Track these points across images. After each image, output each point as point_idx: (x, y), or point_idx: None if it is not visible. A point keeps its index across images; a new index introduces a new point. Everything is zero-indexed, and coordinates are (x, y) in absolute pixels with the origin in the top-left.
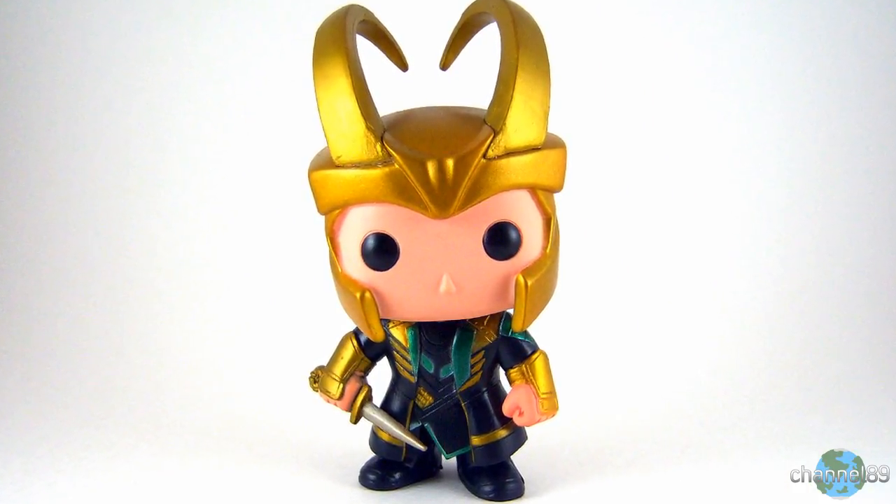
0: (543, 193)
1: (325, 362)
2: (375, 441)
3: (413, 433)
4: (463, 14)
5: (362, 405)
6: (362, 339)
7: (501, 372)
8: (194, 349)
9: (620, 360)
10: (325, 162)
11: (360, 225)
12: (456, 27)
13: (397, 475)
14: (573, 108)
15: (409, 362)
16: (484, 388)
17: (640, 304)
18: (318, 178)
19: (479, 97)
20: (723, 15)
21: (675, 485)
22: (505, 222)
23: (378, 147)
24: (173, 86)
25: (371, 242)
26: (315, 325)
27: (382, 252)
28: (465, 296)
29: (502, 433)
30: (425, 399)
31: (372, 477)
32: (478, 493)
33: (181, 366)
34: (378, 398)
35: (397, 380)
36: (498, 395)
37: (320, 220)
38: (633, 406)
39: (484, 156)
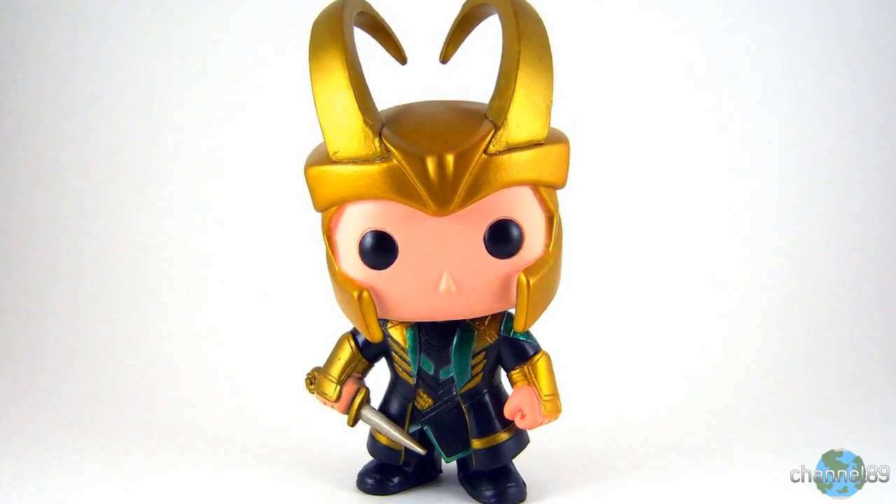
0: (546, 190)
1: (321, 363)
2: (373, 444)
3: (412, 436)
4: (463, 6)
5: (360, 407)
6: (360, 339)
7: (503, 373)
8: (187, 350)
9: (625, 361)
10: (321, 158)
11: (357, 222)
12: (456, 19)
13: (396, 479)
14: (576, 102)
15: (408, 363)
16: (485, 390)
17: (645, 304)
18: (314, 174)
19: (481, 91)
20: (731, 8)
21: (681, 488)
22: (506, 220)
23: (376, 142)
24: (165, 80)
25: (369, 240)
26: (312, 326)
27: (381, 250)
28: (465, 295)
29: (504, 436)
30: (424, 401)
31: (370, 481)
32: (479, 498)
33: (174, 367)
34: (376, 400)
35: (396, 381)
36: (499, 397)
37: (317, 217)
38: (638, 408)
39: (485, 151)
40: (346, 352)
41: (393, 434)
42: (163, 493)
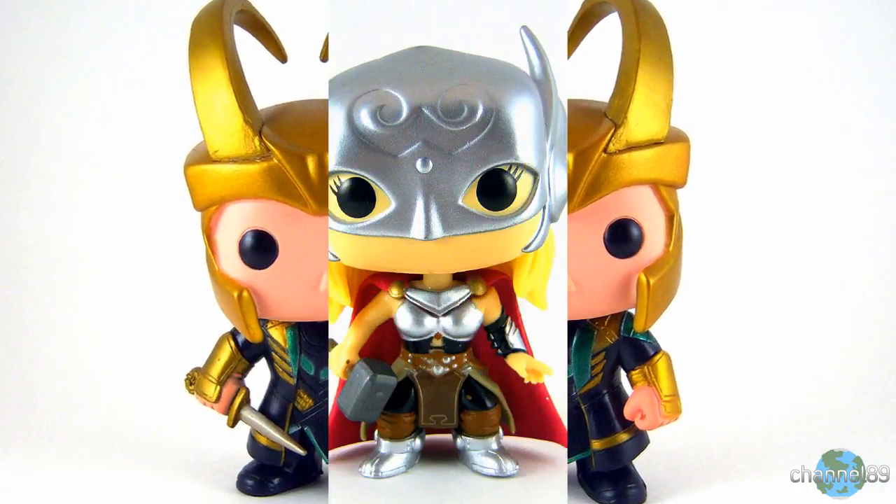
0: (666, 189)
1: (201, 364)
2: (254, 445)
3: (292, 437)
4: (582, 4)
5: (240, 408)
6: (240, 339)
7: (623, 374)
8: (66, 349)
9: (745, 360)
10: (201, 157)
11: (237, 222)
12: (575, 18)
13: (276, 480)
14: (696, 101)
15: (288, 364)
16: (605, 391)
17: (764, 303)
18: (194, 173)
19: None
20: (852, 5)
21: (803, 490)
22: (626, 219)
23: (256, 141)
24: (44, 78)
25: (249, 240)
26: (191, 326)
27: (260, 250)
28: (585, 295)
29: (624, 437)
30: (305, 402)
31: (250, 482)
32: (598, 499)
33: (53, 367)
34: (256, 401)
35: (276, 382)
36: (619, 398)
37: (197, 216)
38: (759, 408)
39: (605, 150)
40: (226, 352)
41: (273, 435)
42: (41, 494)
